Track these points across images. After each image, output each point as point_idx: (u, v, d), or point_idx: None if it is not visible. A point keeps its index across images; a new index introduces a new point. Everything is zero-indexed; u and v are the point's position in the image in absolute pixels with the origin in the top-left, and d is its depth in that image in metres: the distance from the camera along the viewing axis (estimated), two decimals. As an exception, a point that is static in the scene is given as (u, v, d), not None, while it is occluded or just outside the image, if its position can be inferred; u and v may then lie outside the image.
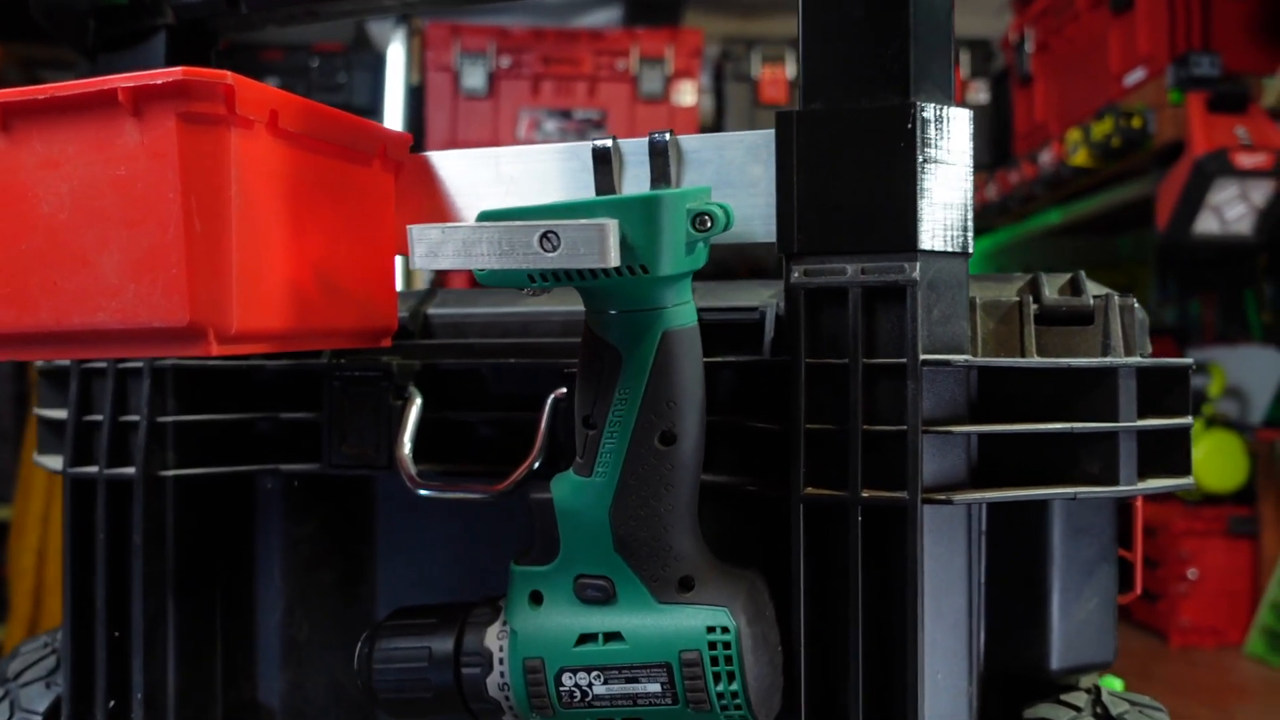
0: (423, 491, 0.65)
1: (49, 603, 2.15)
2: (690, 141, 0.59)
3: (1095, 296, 0.60)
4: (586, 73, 2.68)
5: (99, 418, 0.68)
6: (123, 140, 0.47)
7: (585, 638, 0.54)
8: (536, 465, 0.63)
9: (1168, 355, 0.59)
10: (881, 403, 0.55)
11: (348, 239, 0.58)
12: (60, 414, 0.70)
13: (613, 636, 0.54)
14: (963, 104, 0.90)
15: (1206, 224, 1.89)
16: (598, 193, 0.60)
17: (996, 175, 2.57)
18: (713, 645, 0.52)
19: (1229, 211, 1.87)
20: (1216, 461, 2.37)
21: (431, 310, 0.73)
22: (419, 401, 0.67)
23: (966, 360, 0.54)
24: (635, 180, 0.60)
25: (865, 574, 0.54)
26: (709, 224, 0.50)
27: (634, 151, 0.60)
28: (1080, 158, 2.09)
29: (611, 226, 0.45)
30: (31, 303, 0.49)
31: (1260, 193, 1.85)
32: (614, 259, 0.46)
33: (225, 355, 0.49)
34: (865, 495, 0.54)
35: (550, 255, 0.46)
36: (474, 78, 2.67)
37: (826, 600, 0.55)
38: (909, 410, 0.54)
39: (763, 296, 0.66)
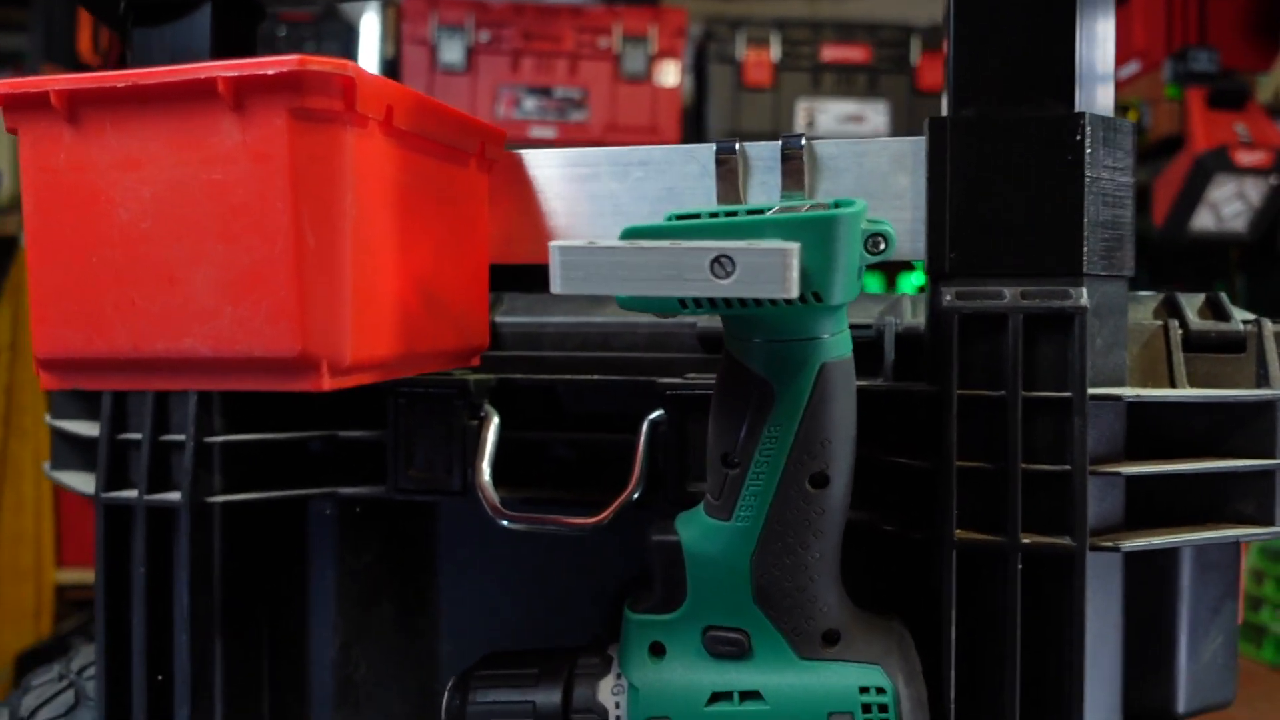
0: (507, 523, 0.59)
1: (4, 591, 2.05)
2: (827, 147, 0.53)
3: (1244, 321, 0.56)
4: (568, 50, 2.61)
5: (136, 436, 0.60)
6: (220, 139, 0.40)
7: (718, 696, 0.49)
8: (636, 496, 0.58)
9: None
10: (1041, 440, 0.50)
11: (449, 249, 0.51)
12: (85, 429, 0.63)
13: (750, 695, 0.49)
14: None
15: (1203, 220, 1.89)
16: (719, 200, 0.54)
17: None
18: (867, 708, 0.48)
19: (1226, 209, 1.87)
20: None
21: (500, 318, 0.67)
22: (496, 421, 0.60)
23: (1136, 395, 0.50)
24: (762, 188, 0.54)
25: (1023, 624, 0.50)
26: (882, 246, 0.44)
27: (760, 156, 0.54)
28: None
29: (794, 252, 0.40)
30: (104, 324, 0.42)
31: (1257, 190, 1.85)
32: (796, 289, 0.40)
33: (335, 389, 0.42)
34: (1025, 541, 0.49)
35: (723, 283, 0.41)
36: (452, 52, 2.59)
37: (977, 651, 0.51)
38: (1074, 449, 0.49)
39: (871, 311, 0.61)
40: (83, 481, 0.63)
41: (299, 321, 0.40)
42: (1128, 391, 0.50)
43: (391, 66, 2.51)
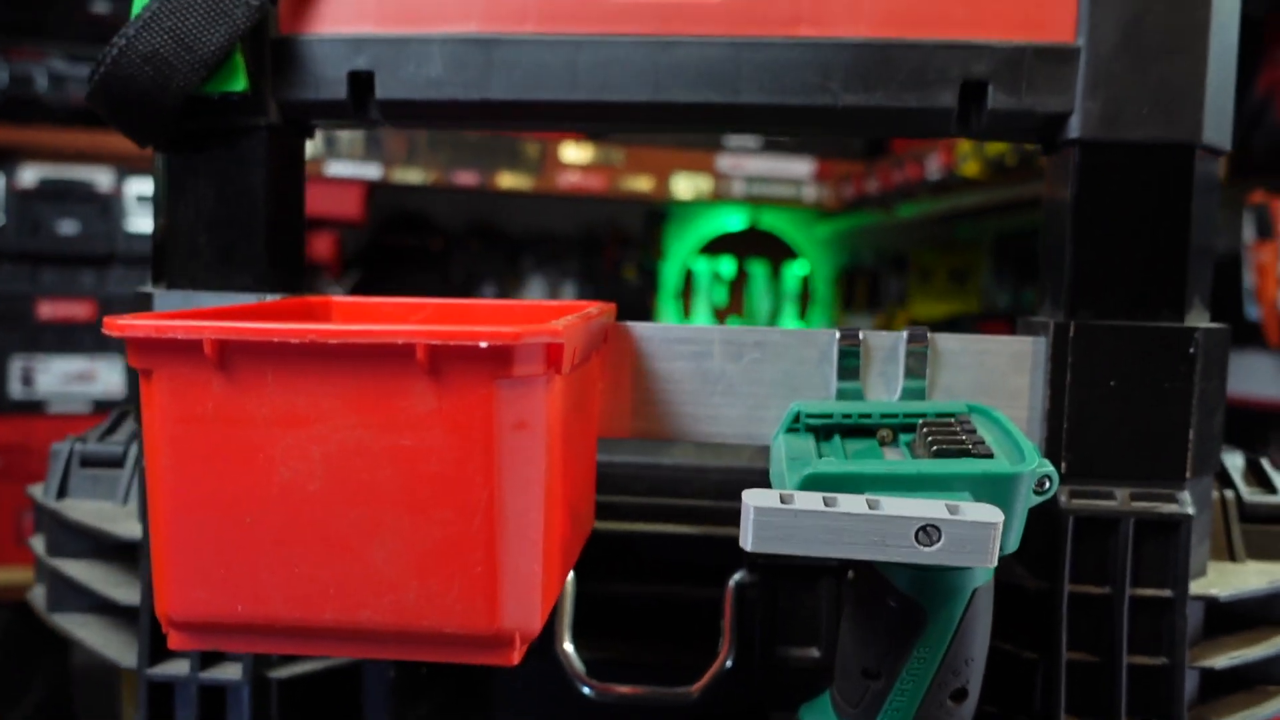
0: (589, 691, 0.58)
1: None
2: (949, 341, 0.53)
3: (1292, 493, 0.60)
4: None
5: (183, 607, 0.56)
6: (410, 402, 0.37)
7: None
8: (729, 665, 0.57)
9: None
10: (1142, 633, 0.52)
11: (583, 453, 0.49)
12: (122, 595, 0.58)
13: None
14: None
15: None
16: (839, 394, 0.53)
17: (876, 169, 2.61)
18: None
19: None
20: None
21: (559, 457, 0.64)
22: (572, 577, 0.59)
23: (1232, 595, 0.53)
24: (882, 378, 0.54)
25: (1124, 811, 0.52)
26: (1048, 485, 0.45)
27: (881, 345, 0.54)
28: (970, 168, 2.14)
29: (1000, 525, 0.40)
30: (259, 590, 0.39)
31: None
32: (996, 559, 0.40)
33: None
34: (1129, 733, 0.52)
35: (926, 550, 0.40)
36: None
37: (1078, 836, 0.53)
38: (1176, 643, 0.52)
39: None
40: (122, 653, 0.57)
41: (495, 599, 0.38)
42: (1221, 592, 0.53)
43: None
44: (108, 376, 2.23)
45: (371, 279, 2.73)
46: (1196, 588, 0.53)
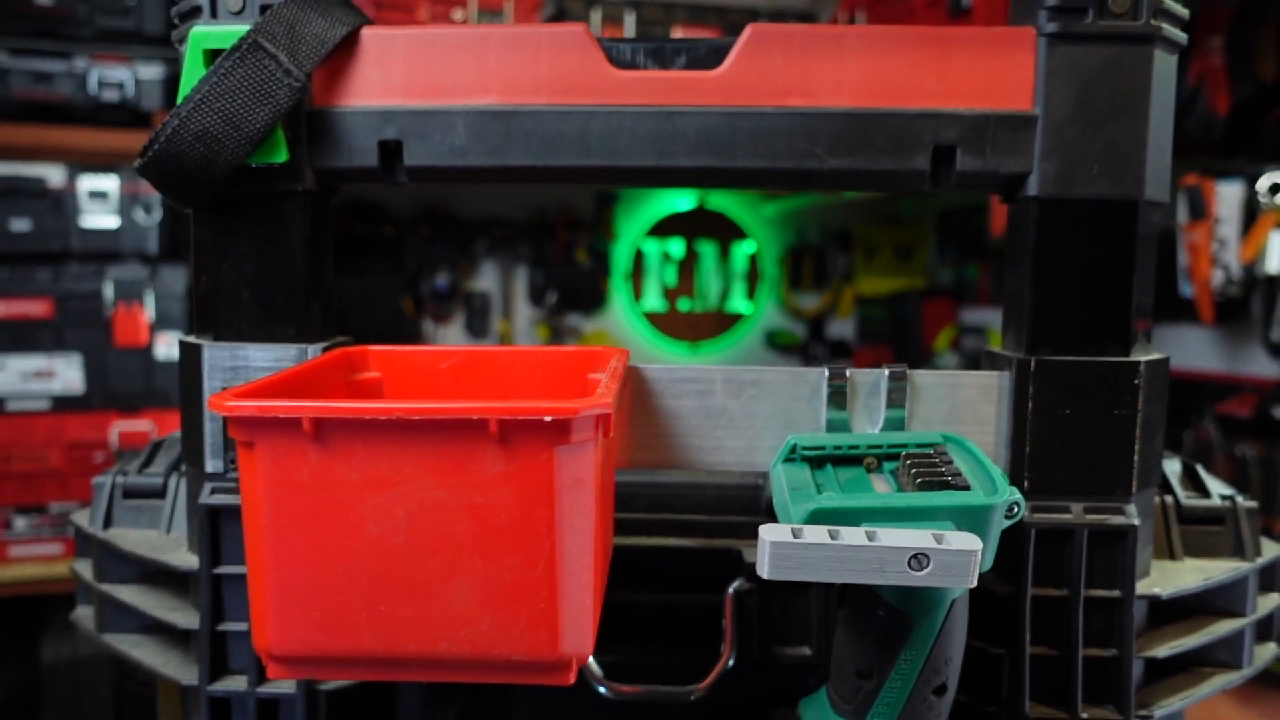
0: (605, 690, 0.64)
1: None
2: (925, 378, 0.60)
3: (1222, 497, 0.68)
4: (420, 21, 2.52)
5: (239, 628, 0.61)
6: (482, 466, 0.43)
7: None
8: (731, 664, 0.64)
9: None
10: (1095, 629, 0.60)
11: (609, 490, 0.55)
12: (180, 620, 0.63)
13: None
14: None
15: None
16: (829, 425, 0.60)
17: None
18: None
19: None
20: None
21: (570, 479, 0.71)
22: (588, 591, 0.65)
23: (1174, 593, 0.61)
24: (866, 410, 0.61)
25: (1080, 783, 0.61)
26: (1015, 511, 0.52)
27: (865, 381, 0.61)
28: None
29: (980, 551, 0.47)
30: (351, 627, 0.44)
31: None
32: (976, 580, 0.48)
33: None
34: (1084, 716, 0.60)
35: (917, 574, 0.47)
36: (297, 17, 2.44)
37: (1041, 805, 0.61)
38: (1125, 637, 0.60)
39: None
40: (182, 671, 0.63)
41: (557, 630, 0.44)
42: (1163, 591, 0.61)
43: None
44: (66, 373, 2.22)
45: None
46: (1141, 587, 0.62)
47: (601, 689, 0.65)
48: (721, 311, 3.66)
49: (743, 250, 3.62)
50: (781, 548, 0.47)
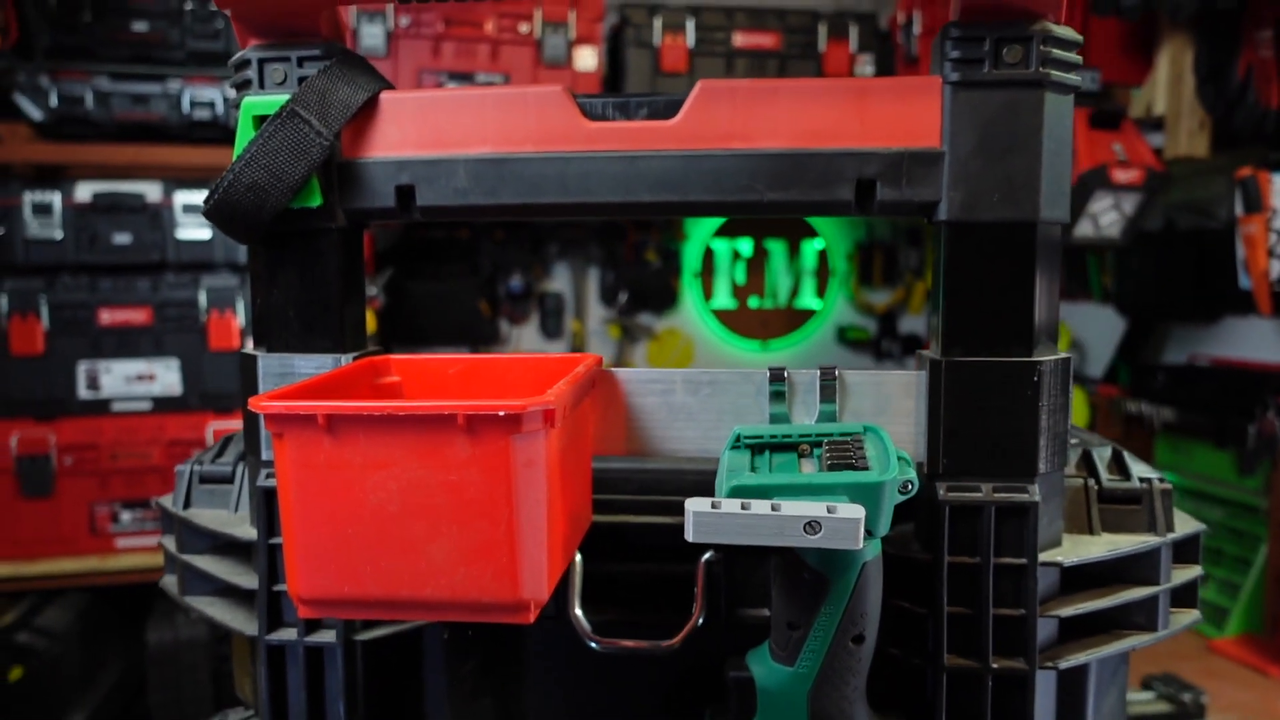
0: (595, 645, 0.76)
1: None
2: (854, 376, 0.71)
3: (1141, 479, 0.77)
4: (489, 35, 2.67)
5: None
6: (454, 451, 0.55)
7: (783, 789, 0.68)
8: (700, 622, 0.76)
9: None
10: (1005, 591, 0.70)
11: (579, 469, 0.67)
12: (244, 581, 0.77)
13: (805, 789, 0.68)
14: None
15: (1083, 229, 2.15)
16: (772, 418, 0.71)
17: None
18: (890, 793, 0.68)
19: (1103, 219, 2.13)
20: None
21: (568, 465, 0.83)
22: (580, 559, 0.77)
23: (1076, 561, 0.70)
24: (803, 405, 0.71)
25: (992, 723, 0.70)
26: (910, 488, 0.63)
27: (802, 381, 0.71)
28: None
29: (862, 518, 0.58)
30: (358, 576, 0.57)
31: (1130, 203, 2.12)
32: (863, 543, 0.58)
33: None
34: (995, 665, 0.70)
35: (812, 538, 0.58)
36: (372, 37, 2.62)
37: (958, 742, 0.71)
38: (1028, 599, 0.69)
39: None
40: (241, 623, 0.77)
41: (518, 579, 0.56)
42: (1064, 559, 0.70)
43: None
44: (165, 376, 2.42)
45: (403, 274, 2.92)
46: (1048, 556, 0.71)
47: (592, 644, 0.76)
48: (792, 308, 3.73)
49: (812, 247, 3.68)
50: (702, 516, 0.59)
